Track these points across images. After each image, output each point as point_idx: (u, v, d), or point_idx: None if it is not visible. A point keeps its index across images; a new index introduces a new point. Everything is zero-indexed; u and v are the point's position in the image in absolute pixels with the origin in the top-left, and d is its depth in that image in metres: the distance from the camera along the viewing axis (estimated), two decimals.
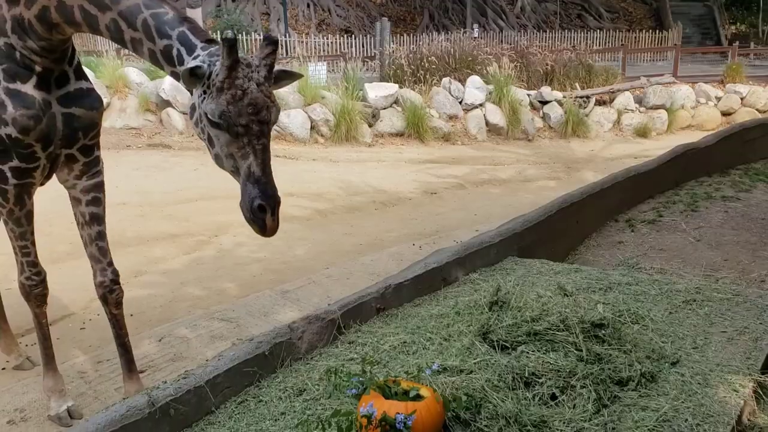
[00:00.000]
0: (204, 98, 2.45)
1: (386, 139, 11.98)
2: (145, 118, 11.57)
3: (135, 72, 11.98)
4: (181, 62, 2.54)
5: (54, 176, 3.31)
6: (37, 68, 2.91)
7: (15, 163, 2.97)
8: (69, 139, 3.09)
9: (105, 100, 10.76)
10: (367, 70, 14.23)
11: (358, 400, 2.29)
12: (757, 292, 3.61)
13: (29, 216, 3.18)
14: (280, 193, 2.52)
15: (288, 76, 2.65)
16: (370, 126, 12.00)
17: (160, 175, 9.33)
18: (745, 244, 5.02)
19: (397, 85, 12.69)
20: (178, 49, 2.56)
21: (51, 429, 3.44)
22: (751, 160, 7.44)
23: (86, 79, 3.16)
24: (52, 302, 5.06)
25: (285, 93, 11.57)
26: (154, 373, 3.99)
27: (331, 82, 12.55)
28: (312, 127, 11.59)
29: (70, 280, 5.22)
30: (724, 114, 14.93)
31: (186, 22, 2.59)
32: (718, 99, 15.11)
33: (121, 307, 3.47)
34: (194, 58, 2.50)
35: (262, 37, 2.46)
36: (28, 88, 2.90)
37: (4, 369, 4.21)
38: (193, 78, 2.44)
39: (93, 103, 3.14)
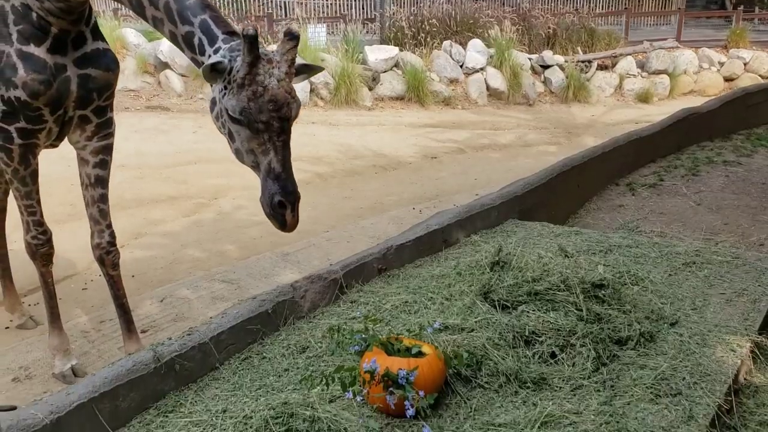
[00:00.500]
0: (225, 94, 2.46)
1: (386, 103, 11.89)
2: (143, 80, 11.45)
3: (133, 33, 11.82)
4: (203, 52, 2.55)
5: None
6: (54, 30, 2.87)
7: (21, 124, 2.95)
8: (83, 100, 3.06)
9: None
10: (367, 32, 14.04)
11: (361, 357, 2.32)
12: (757, 255, 3.63)
13: (34, 175, 3.17)
14: None
15: (308, 70, 2.67)
16: (370, 89, 11.90)
17: (158, 138, 9.28)
18: (746, 209, 5.04)
19: (397, 48, 12.54)
20: (200, 38, 2.56)
21: (55, 387, 3.49)
22: (754, 125, 7.42)
23: (103, 39, 3.11)
24: (54, 263, 5.09)
25: None
26: (156, 333, 4.03)
27: (331, 44, 12.39)
28: (311, 90, 11.49)
29: (72, 241, 5.23)
30: (727, 79, 14.80)
31: (208, 10, 2.59)
32: (721, 64, 14.97)
33: (118, 268, 3.49)
34: (215, 51, 2.51)
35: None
36: (42, 51, 2.87)
37: (7, 328, 4.25)
38: (214, 73, 2.45)
39: (109, 64, 3.10)
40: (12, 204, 4.03)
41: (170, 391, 2.35)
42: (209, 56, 2.53)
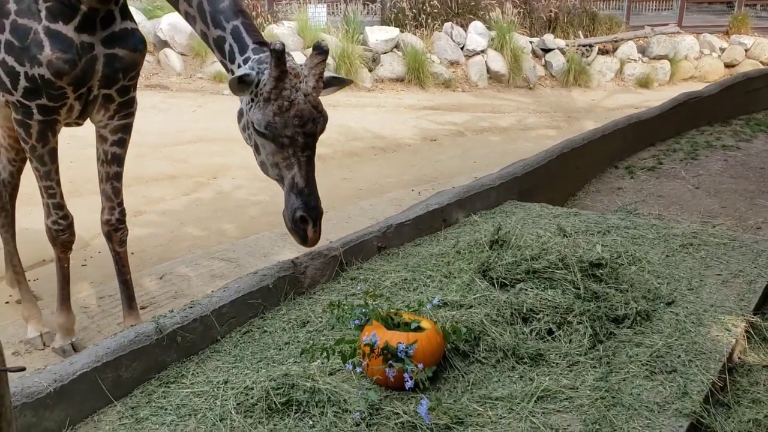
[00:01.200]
0: (251, 106, 2.49)
1: (386, 84, 11.84)
2: None
3: (132, 11, 11.71)
4: (232, 60, 2.58)
5: None
6: (83, 8, 2.82)
7: (42, 101, 2.90)
8: (109, 79, 3.01)
9: None
10: (367, 13, 13.93)
11: (361, 331, 2.34)
12: (753, 238, 3.67)
13: (52, 154, 3.11)
14: None
15: (338, 83, 2.68)
16: (370, 71, 11.84)
17: (158, 116, 9.24)
18: (743, 192, 5.07)
19: (398, 30, 12.45)
20: (231, 45, 2.58)
21: (55, 360, 3.52)
22: (753, 111, 7.43)
23: (131, 18, 3.06)
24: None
25: (285, 35, 11.37)
26: (156, 309, 4.05)
27: (331, 24, 12.31)
28: None
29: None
30: (728, 66, 14.74)
31: (241, 15, 2.60)
32: (722, 50, 14.90)
33: (125, 245, 3.50)
34: (245, 60, 2.53)
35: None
36: (69, 29, 2.81)
37: (7, 303, 4.27)
38: (242, 85, 2.47)
39: (137, 44, 3.05)
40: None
41: (172, 362, 2.38)
42: (238, 65, 2.55)
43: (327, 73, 2.57)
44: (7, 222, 4.02)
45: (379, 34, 12.18)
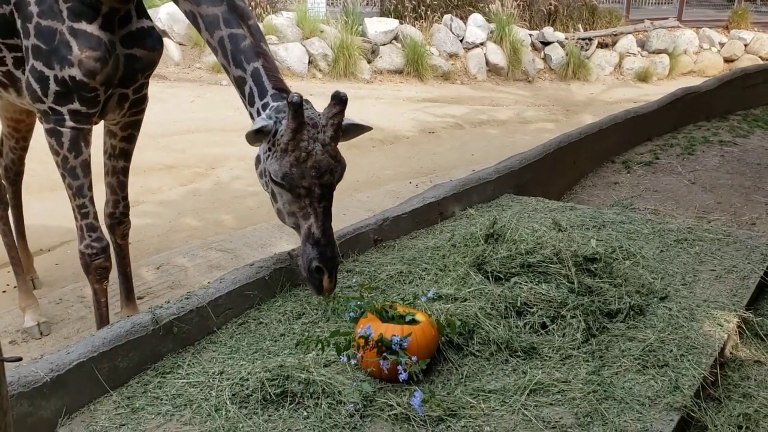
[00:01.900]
0: (269, 155, 2.49)
1: (385, 76, 11.82)
2: None
3: None
4: (252, 103, 2.61)
5: None
6: (104, 8, 2.75)
7: (75, 106, 2.80)
8: (127, 80, 2.94)
9: None
10: (367, 4, 13.89)
11: (356, 324, 2.36)
12: (748, 234, 3.68)
13: (85, 166, 2.93)
14: None
15: (356, 129, 2.69)
16: (369, 62, 11.82)
17: (156, 106, 9.15)
18: (739, 188, 5.09)
19: (397, 21, 12.43)
20: (251, 88, 2.59)
21: (52, 348, 3.53)
22: (751, 106, 7.45)
23: (147, 16, 2.98)
24: (52, 229, 5.10)
25: (284, 26, 11.33)
26: (153, 299, 4.07)
27: (330, 15, 12.28)
28: (310, 62, 11.40)
29: (70, 208, 5.23)
30: (727, 60, 14.74)
31: (262, 58, 2.60)
32: (722, 45, 14.90)
33: (127, 238, 3.49)
34: (263, 106, 2.55)
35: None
36: (94, 28, 2.74)
37: (5, 292, 4.28)
38: (259, 135, 2.48)
39: (155, 43, 2.99)
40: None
41: (168, 353, 2.39)
42: (257, 110, 2.57)
43: (346, 121, 2.55)
44: (5, 215, 4.02)
45: (378, 26, 12.15)
